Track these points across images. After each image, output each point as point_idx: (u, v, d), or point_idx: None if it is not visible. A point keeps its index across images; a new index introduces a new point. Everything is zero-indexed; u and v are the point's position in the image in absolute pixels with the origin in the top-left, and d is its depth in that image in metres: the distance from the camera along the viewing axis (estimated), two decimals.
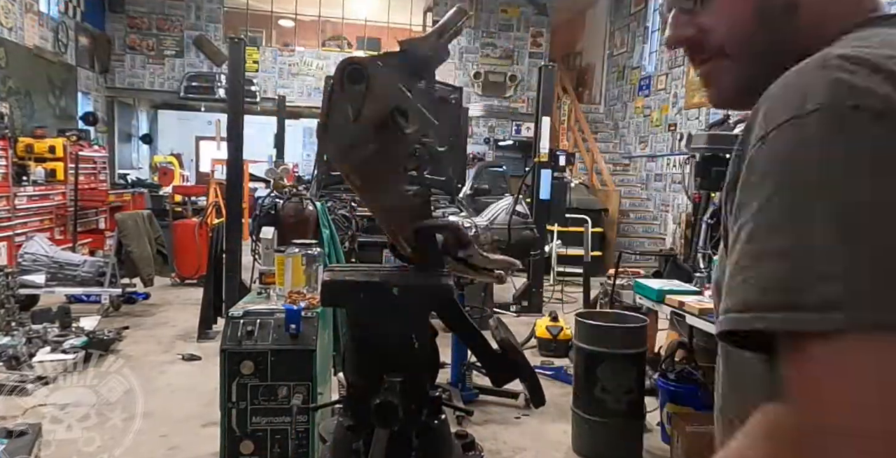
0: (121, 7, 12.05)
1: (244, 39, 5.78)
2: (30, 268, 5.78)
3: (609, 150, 12.07)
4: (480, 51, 13.27)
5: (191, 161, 15.57)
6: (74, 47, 10.65)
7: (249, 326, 2.46)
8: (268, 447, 2.43)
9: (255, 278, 5.28)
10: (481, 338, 0.78)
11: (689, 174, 4.06)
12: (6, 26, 8.38)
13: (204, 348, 5.08)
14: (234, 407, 2.41)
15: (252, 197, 8.67)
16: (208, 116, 13.59)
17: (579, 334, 3.47)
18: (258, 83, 12.25)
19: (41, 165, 7.86)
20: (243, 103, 5.61)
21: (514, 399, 4.08)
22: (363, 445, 0.78)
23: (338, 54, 12.45)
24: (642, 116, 11.30)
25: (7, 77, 8.35)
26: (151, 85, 12.39)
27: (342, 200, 6.10)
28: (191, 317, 5.77)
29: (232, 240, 5.48)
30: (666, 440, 3.40)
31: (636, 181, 11.31)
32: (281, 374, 2.41)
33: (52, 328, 4.68)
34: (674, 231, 8.93)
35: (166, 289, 7.28)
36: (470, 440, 0.90)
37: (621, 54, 12.43)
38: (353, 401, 0.83)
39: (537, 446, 3.55)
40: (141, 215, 6.51)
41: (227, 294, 5.31)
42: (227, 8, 12.71)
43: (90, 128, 10.34)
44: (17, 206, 6.96)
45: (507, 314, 6.60)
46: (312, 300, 2.63)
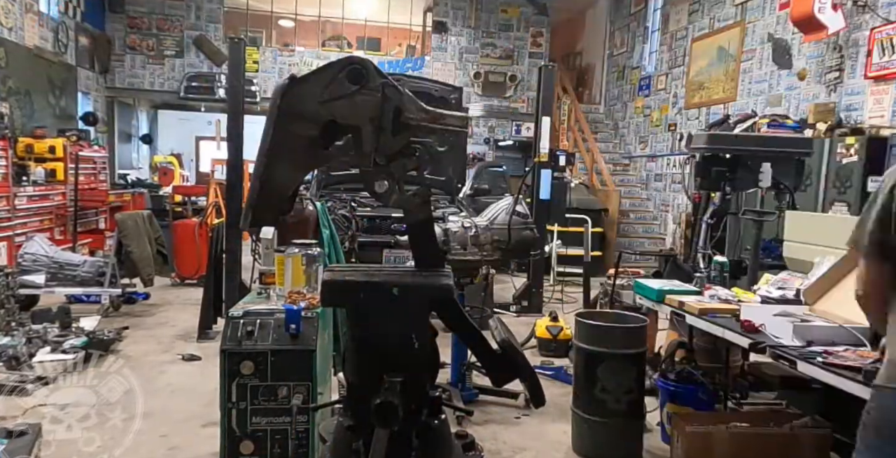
0: (121, 7, 12.05)
1: (244, 39, 5.78)
2: (30, 268, 5.78)
3: (609, 150, 12.07)
4: (480, 51, 13.28)
5: (191, 161, 15.57)
6: (74, 47, 10.65)
7: (249, 326, 2.46)
8: (268, 447, 2.43)
9: (255, 278, 5.28)
10: (481, 338, 0.77)
11: (689, 174, 4.06)
12: (6, 26, 8.38)
13: (204, 348, 5.08)
14: (234, 407, 2.41)
15: None
16: (208, 116, 13.59)
17: (579, 334, 3.47)
18: (258, 83, 12.25)
19: (41, 165, 7.86)
20: (243, 103, 5.61)
21: (514, 399, 4.08)
22: (363, 445, 0.78)
23: (338, 54, 12.44)
24: (642, 116, 11.30)
25: (7, 77, 8.34)
26: (151, 85, 12.39)
27: (342, 200, 6.11)
28: (191, 317, 5.77)
29: (232, 240, 5.48)
30: (666, 440, 3.40)
31: (636, 181, 11.31)
32: (281, 374, 2.41)
33: (52, 328, 4.68)
34: (674, 231, 8.93)
35: (166, 289, 7.28)
36: (470, 440, 0.90)
37: (621, 54, 12.43)
38: (353, 401, 0.83)
39: (537, 446, 3.55)
40: (141, 215, 6.51)
41: (227, 294, 5.31)
42: (227, 8, 12.71)
43: (90, 128, 10.34)
44: (17, 206, 6.96)
45: (507, 314, 6.60)
46: (312, 300, 2.63)
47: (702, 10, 9.55)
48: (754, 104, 8.04)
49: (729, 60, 8.77)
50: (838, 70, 6.64)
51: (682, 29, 10.09)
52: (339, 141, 0.80)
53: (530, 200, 6.50)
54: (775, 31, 7.78)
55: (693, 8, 9.79)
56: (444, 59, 13.14)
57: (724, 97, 8.83)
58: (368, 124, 0.75)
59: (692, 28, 9.80)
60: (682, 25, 10.10)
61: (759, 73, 8.10)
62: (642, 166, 11.27)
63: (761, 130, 6.60)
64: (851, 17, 6.43)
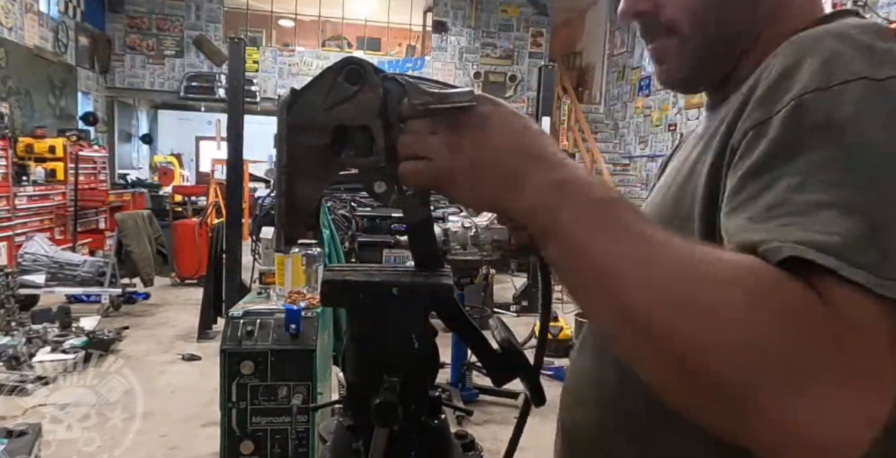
0: (121, 7, 12.05)
1: (244, 39, 5.78)
2: (30, 268, 5.78)
3: (609, 150, 12.08)
4: (480, 51, 13.28)
5: (191, 161, 15.58)
6: (74, 47, 10.65)
7: (249, 326, 2.46)
8: (268, 447, 2.43)
9: (255, 278, 5.28)
10: (481, 338, 0.77)
11: None
12: (6, 26, 8.38)
13: (204, 348, 5.08)
14: (234, 407, 2.41)
15: (252, 197, 8.67)
16: (208, 116, 13.60)
17: (579, 333, 3.47)
18: (258, 83, 12.25)
19: (41, 165, 7.87)
20: (243, 103, 5.60)
21: (514, 399, 4.08)
22: (363, 445, 0.78)
23: (338, 54, 12.45)
24: (642, 116, 11.31)
25: (7, 77, 8.35)
26: (151, 85, 12.40)
27: (342, 200, 6.11)
28: (191, 317, 5.77)
29: (232, 240, 5.48)
30: None
31: (636, 181, 11.32)
32: (281, 374, 2.41)
33: (52, 328, 4.68)
34: None
35: (166, 289, 7.28)
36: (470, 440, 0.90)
37: (621, 54, 12.44)
38: (353, 401, 0.82)
39: (537, 446, 3.54)
40: (141, 215, 6.51)
41: (227, 294, 5.31)
42: (227, 8, 12.71)
43: (90, 128, 10.35)
44: (17, 206, 6.96)
45: (507, 314, 6.60)
46: (312, 300, 2.63)
47: None
48: None
49: None
50: None
51: None
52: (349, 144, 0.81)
53: None
54: None
55: None
56: (444, 59, 13.14)
57: None
58: (377, 121, 0.75)
59: None
60: None
61: None
62: (642, 166, 11.27)
63: None
64: None
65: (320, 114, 0.77)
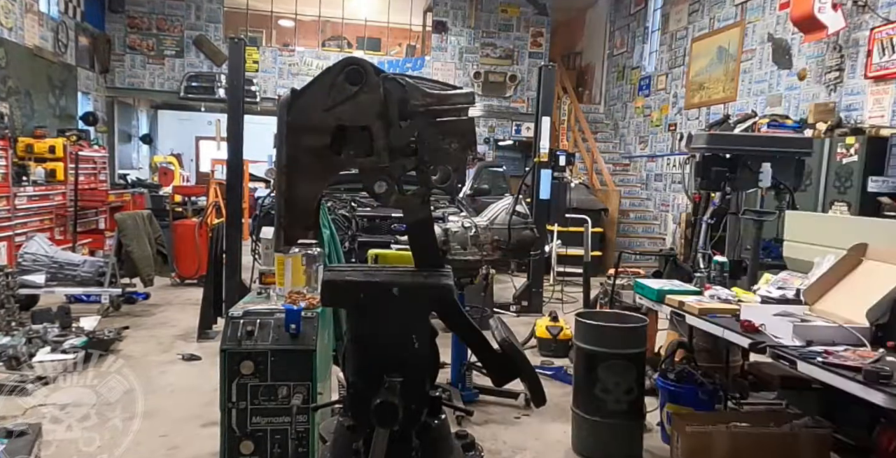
0: (121, 7, 12.05)
1: (244, 39, 5.78)
2: (30, 268, 5.78)
3: (609, 150, 12.08)
4: (480, 51, 13.28)
5: (191, 161, 15.58)
6: (74, 47, 10.65)
7: (249, 326, 2.45)
8: (268, 447, 2.43)
9: (255, 278, 5.28)
10: (481, 338, 0.77)
11: (689, 174, 4.06)
12: (6, 26, 8.38)
13: (204, 348, 5.08)
14: (234, 407, 2.41)
15: (252, 197, 8.67)
16: (208, 116, 13.60)
17: (579, 334, 3.47)
18: (258, 83, 12.26)
19: (41, 165, 7.86)
20: (243, 103, 5.61)
21: (514, 399, 4.08)
22: (363, 445, 0.78)
23: (338, 54, 12.45)
24: (642, 116, 11.31)
25: (7, 77, 8.34)
26: (151, 85, 12.40)
27: (342, 200, 6.11)
28: (191, 317, 5.77)
29: (232, 240, 5.48)
30: (666, 440, 3.40)
31: (636, 181, 11.32)
32: (281, 374, 2.41)
33: (52, 328, 4.68)
34: (674, 231, 8.93)
35: (166, 289, 7.28)
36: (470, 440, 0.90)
37: (621, 54, 12.44)
38: (353, 401, 0.83)
39: (537, 446, 3.55)
40: (141, 215, 6.51)
41: (227, 294, 5.31)
42: (227, 8, 12.71)
43: (90, 128, 10.34)
44: (17, 206, 6.96)
45: (507, 314, 6.60)
46: (312, 300, 2.62)
47: (702, 9, 9.55)
48: (754, 104, 8.04)
49: (729, 60, 8.77)
50: (838, 70, 6.64)
51: (681, 29, 10.09)
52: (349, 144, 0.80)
53: (530, 200, 6.50)
54: (775, 31, 7.78)
55: (693, 8, 9.79)
56: (444, 59, 13.14)
57: (724, 97, 8.83)
58: (377, 121, 0.75)
59: (692, 28, 9.80)
60: (681, 25, 10.10)
61: (759, 73, 8.10)
62: (642, 166, 11.27)
63: (761, 130, 6.60)
64: (851, 16, 6.43)
65: (320, 114, 0.77)
